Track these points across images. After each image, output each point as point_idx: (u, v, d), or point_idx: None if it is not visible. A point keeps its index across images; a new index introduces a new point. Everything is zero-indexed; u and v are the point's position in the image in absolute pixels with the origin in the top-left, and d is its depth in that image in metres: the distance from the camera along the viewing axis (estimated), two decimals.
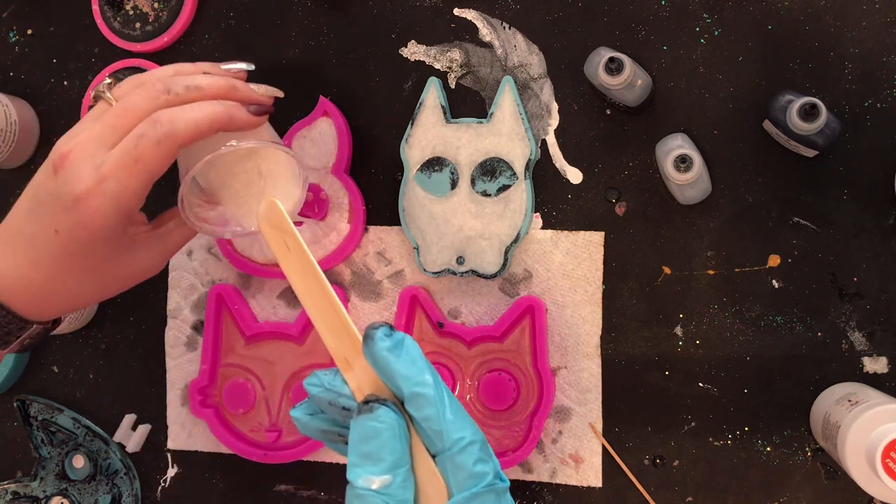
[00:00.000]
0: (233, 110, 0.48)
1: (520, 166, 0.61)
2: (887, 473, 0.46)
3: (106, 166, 0.46)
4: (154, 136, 0.46)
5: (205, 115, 0.47)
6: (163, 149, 0.46)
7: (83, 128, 0.48)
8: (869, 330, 0.57)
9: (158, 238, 0.52)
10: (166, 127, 0.46)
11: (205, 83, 0.49)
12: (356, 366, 0.40)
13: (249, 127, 0.50)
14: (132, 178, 0.46)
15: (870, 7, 0.57)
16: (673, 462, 0.60)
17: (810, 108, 0.52)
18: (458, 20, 0.64)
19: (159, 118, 0.46)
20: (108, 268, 0.49)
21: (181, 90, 0.48)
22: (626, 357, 0.61)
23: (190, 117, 0.46)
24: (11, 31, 0.73)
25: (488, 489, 0.38)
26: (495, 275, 0.61)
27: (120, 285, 0.51)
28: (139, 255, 0.51)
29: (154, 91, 0.47)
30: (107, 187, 0.46)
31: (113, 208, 0.46)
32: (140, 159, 0.46)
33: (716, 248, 0.59)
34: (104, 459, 0.69)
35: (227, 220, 0.53)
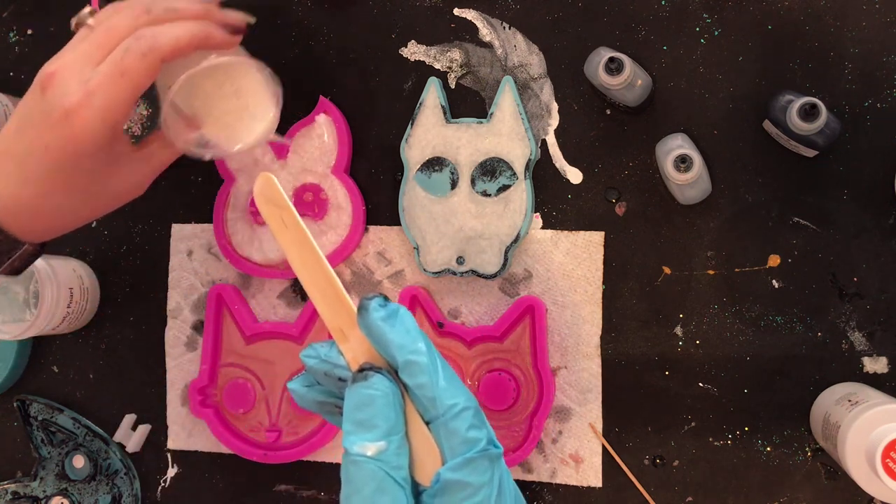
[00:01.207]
0: (210, 29, 0.51)
1: (520, 166, 0.61)
2: (887, 473, 0.46)
3: (93, 81, 0.48)
4: (138, 50, 0.48)
5: (185, 31, 0.50)
6: (147, 61, 0.48)
7: (67, 50, 0.50)
8: (869, 330, 0.57)
9: (143, 158, 0.55)
10: (150, 41, 0.48)
11: (182, 6, 0.52)
12: (351, 337, 0.41)
13: (226, 45, 0.53)
14: (119, 91, 0.48)
15: (870, 7, 0.57)
16: (673, 462, 0.60)
17: (810, 108, 0.52)
18: (458, 20, 0.64)
19: (143, 34, 0.49)
20: (95, 184, 0.51)
21: (160, 11, 0.51)
22: (626, 357, 0.61)
23: (171, 33, 0.49)
24: (11, 31, 0.73)
25: (482, 454, 0.38)
26: (495, 275, 0.61)
27: (107, 203, 0.54)
28: (125, 174, 0.53)
29: (135, 12, 0.50)
30: (95, 100, 0.48)
31: (101, 120, 0.48)
32: (126, 72, 0.48)
33: (716, 248, 0.59)
34: (104, 459, 0.69)
35: (208, 142, 0.55)
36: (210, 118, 0.54)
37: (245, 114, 0.55)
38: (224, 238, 0.66)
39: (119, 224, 0.70)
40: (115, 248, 0.70)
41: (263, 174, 0.41)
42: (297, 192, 0.65)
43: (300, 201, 0.65)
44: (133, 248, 0.70)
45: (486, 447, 0.38)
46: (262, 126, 0.55)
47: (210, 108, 0.54)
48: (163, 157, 0.56)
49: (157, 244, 0.69)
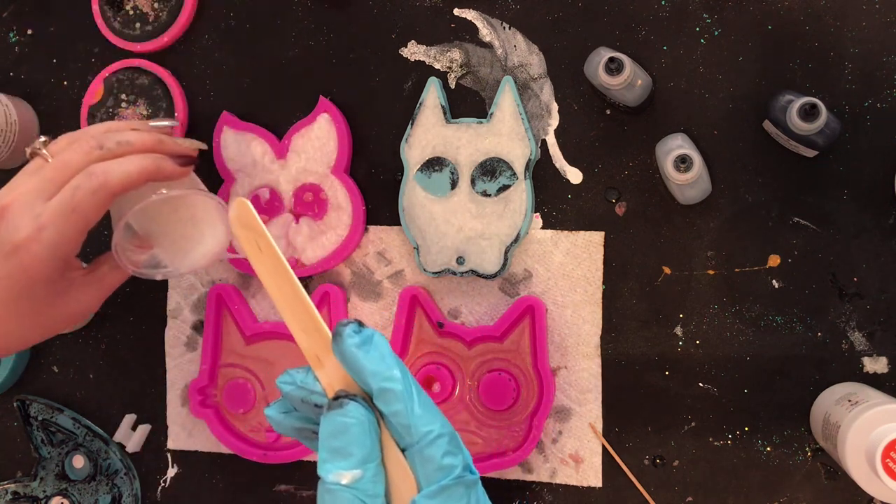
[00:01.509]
0: (161, 162, 0.53)
1: (520, 166, 0.61)
2: (887, 473, 0.46)
3: (44, 216, 0.49)
4: (89, 187, 0.50)
5: (135, 166, 0.51)
6: (98, 198, 0.50)
7: (20, 181, 0.51)
8: (869, 330, 0.57)
9: (94, 281, 0.56)
10: (101, 178, 0.50)
11: (134, 138, 0.53)
12: (327, 363, 0.41)
13: (177, 176, 0.54)
14: (69, 226, 0.50)
15: (870, 7, 0.57)
16: (673, 462, 0.60)
17: (810, 108, 0.52)
18: (458, 20, 0.64)
19: (94, 171, 0.50)
20: (47, 310, 0.53)
21: (113, 145, 0.52)
22: (626, 357, 0.61)
23: (122, 169, 0.51)
24: (11, 31, 0.73)
25: (457, 481, 0.38)
26: (495, 275, 0.61)
27: (59, 326, 0.55)
28: (76, 297, 0.54)
29: (87, 147, 0.51)
30: (45, 235, 0.49)
31: (51, 254, 0.49)
32: (77, 209, 0.49)
33: (716, 248, 0.59)
34: (104, 459, 0.69)
35: (159, 262, 0.56)
36: (162, 240, 0.56)
37: (197, 237, 0.56)
38: None
39: None
40: None
41: (238, 199, 0.41)
42: (297, 192, 0.65)
43: (300, 201, 0.65)
44: None
45: (461, 474, 0.39)
46: (211, 248, 0.56)
47: (163, 231, 0.56)
48: (113, 279, 0.57)
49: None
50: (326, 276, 0.66)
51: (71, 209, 0.49)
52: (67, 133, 0.53)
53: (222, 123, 0.67)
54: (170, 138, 0.56)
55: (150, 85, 0.69)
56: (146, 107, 0.69)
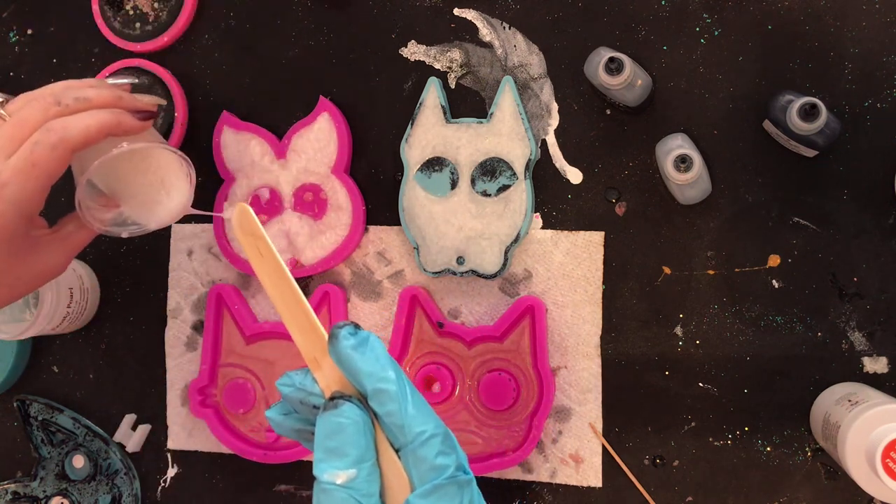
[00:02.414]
0: (121, 116, 0.52)
1: (520, 166, 0.61)
2: (887, 473, 0.46)
3: (5, 173, 0.49)
4: (48, 142, 0.49)
5: (95, 120, 0.51)
6: (57, 153, 0.49)
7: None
8: (869, 330, 0.57)
9: (60, 240, 0.55)
10: (60, 133, 0.49)
11: (93, 94, 0.53)
12: (324, 365, 0.41)
13: (136, 131, 0.54)
14: (30, 182, 0.49)
15: (870, 7, 0.57)
16: (673, 462, 0.60)
17: (810, 108, 0.52)
18: (458, 20, 0.64)
19: (52, 126, 0.50)
20: (13, 269, 0.52)
21: (71, 101, 0.52)
22: (626, 357, 0.61)
23: (81, 123, 0.50)
24: (11, 31, 0.73)
25: (450, 481, 0.39)
26: (495, 275, 0.61)
27: (26, 285, 0.54)
28: (43, 257, 0.54)
29: (45, 103, 0.51)
30: (7, 192, 0.49)
31: (14, 211, 0.49)
32: (37, 164, 0.49)
33: (716, 248, 0.59)
34: (104, 459, 0.69)
35: (125, 220, 0.56)
36: (128, 197, 0.56)
37: (161, 192, 0.56)
38: (224, 238, 0.66)
39: None
40: (115, 248, 0.70)
41: (240, 205, 0.42)
42: (297, 192, 0.65)
43: (300, 201, 0.65)
44: (133, 248, 0.70)
45: (454, 474, 0.39)
46: (177, 202, 0.56)
47: (127, 187, 0.56)
48: (79, 237, 0.56)
49: (157, 244, 0.69)
50: (326, 276, 0.66)
51: (31, 164, 0.49)
52: (25, 92, 0.53)
53: (222, 123, 0.67)
54: (129, 94, 0.55)
55: (150, 85, 0.69)
56: None
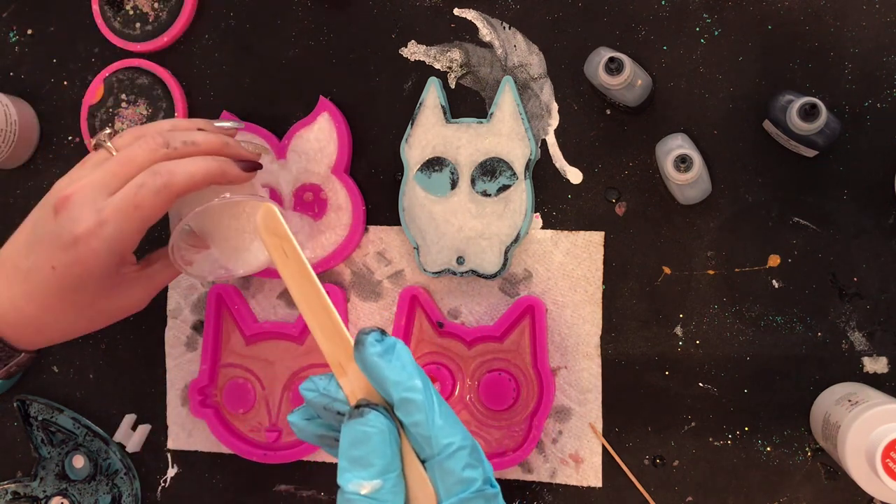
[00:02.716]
0: (225, 166, 0.52)
1: (520, 166, 0.61)
2: (887, 473, 0.46)
3: (106, 211, 0.49)
4: (154, 186, 0.49)
5: (200, 168, 0.51)
6: (161, 198, 0.50)
7: (84, 173, 0.51)
8: (869, 330, 0.57)
9: (146, 277, 0.56)
10: (165, 178, 0.49)
11: (200, 139, 0.53)
12: (350, 371, 0.40)
13: (240, 181, 0.54)
14: (130, 224, 0.49)
15: (870, 7, 0.57)
16: (673, 462, 0.60)
17: (810, 108, 0.52)
18: (458, 20, 0.64)
19: (159, 170, 0.50)
20: (98, 303, 0.53)
21: (179, 144, 0.52)
22: (626, 357, 0.61)
23: (187, 170, 0.50)
24: (11, 31, 0.73)
25: (477, 494, 0.38)
26: (495, 275, 0.61)
27: (108, 319, 0.55)
28: (127, 293, 0.54)
29: (154, 144, 0.51)
30: (106, 231, 0.49)
31: (109, 250, 0.49)
32: (139, 206, 0.49)
33: (716, 248, 0.59)
34: (104, 459, 0.69)
35: (214, 262, 0.57)
36: (220, 241, 0.56)
37: (254, 239, 0.57)
38: None
39: None
40: None
41: (266, 205, 0.41)
42: (297, 192, 0.65)
43: (300, 201, 0.65)
44: None
45: (481, 487, 0.38)
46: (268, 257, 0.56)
47: (220, 231, 0.56)
48: (165, 276, 0.57)
49: (157, 244, 0.69)
50: (326, 276, 0.66)
51: (133, 206, 0.49)
52: (134, 127, 0.53)
53: None
54: (235, 142, 0.55)
55: (150, 85, 0.69)
56: (146, 107, 0.69)
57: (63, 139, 0.72)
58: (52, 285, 0.50)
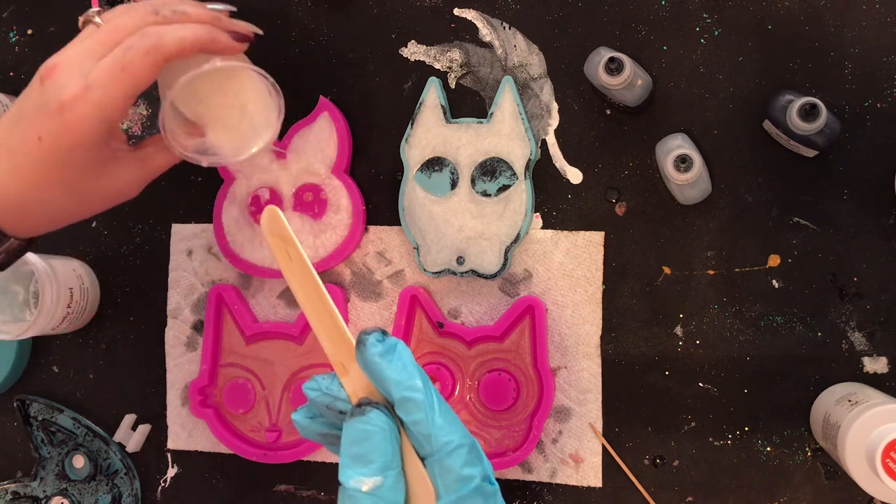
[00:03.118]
0: (215, 33, 0.51)
1: (520, 166, 0.61)
2: (887, 473, 0.46)
3: (93, 74, 0.47)
4: (142, 47, 0.48)
5: (190, 32, 0.49)
6: (149, 59, 0.48)
7: (72, 45, 0.49)
8: (869, 330, 0.57)
9: (138, 159, 0.54)
10: (154, 39, 0.48)
11: (191, 10, 0.51)
12: (351, 370, 0.41)
13: (230, 51, 0.52)
14: (118, 87, 0.48)
15: (870, 7, 0.57)
16: (673, 462, 0.60)
17: (810, 108, 0.52)
18: (458, 20, 0.64)
19: (147, 31, 0.48)
20: (87, 181, 0.51)
21: (168, 13, 0.50)
22: (626, 357, 0.61)
23: (176, 33, 0.49)
24: (11, 31, 0.73)
25: (476, 492, 0.38)
26: (495, 275, 0.61)
27: (97, 203, 0.53)
28: (118, 174, 0.52)
29: (143, 12, 0.50)
30: (93, 94, 0.47)
31: (97, 115, 0.48)
32: (127, 68, 0.48)
33: (716, 248, 0.59)
34: (104, 459, 0.69)
35: (208, 149, 0.55)
36: (212, 124, 0.54)
37: (248, 123, 0.55)
38: (224, 238, 0.66)
39: (119, 224, 0.70)
40: (115, 248, 0.70)
41: (269, 208, 0.41)
42: (297, 192, 0.65)
43: (300, 201, 0.65)
44: (133, 248, 0.70)
45: (480, 484, 0.39)
46: (264, 136, 0.55)
47: (212, 113, 0.54)
48: (159, 160, 0.55)
49: (157, 244, 0.69)
50: (326, 276, 0.66)
51: (121, 68, 0.47)
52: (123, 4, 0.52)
53: None
54: (226, 17, 0.54)
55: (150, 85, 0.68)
56: (146, 107, 0.69)
57: None
58: (38, 159, 0.48)
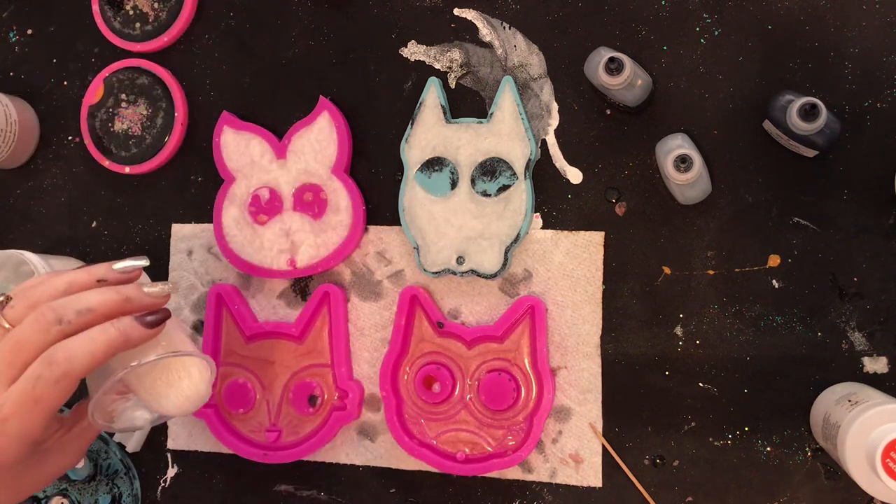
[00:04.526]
0: (128, 331, 0.48)
1: (520, 166, 0.61)
2: (887, 473, 0.46)
3: (6, 407, 0.46)
4: (52, 378, 0.45)
5: (100, 345, 0.46)
6: (60, 387, 0.46)
7: None
8: (869, 330, 0.57)
9: (73, 438, 0.53)
10: (63, 367, 0.46)
11: (97, 303, 0.48)
12: None
13: (147, 339, 0.49)
14: (33, 417, 0.46)
15: (870, 7, 0.57)
16: (673, 462, 0.60)
17: (810, 108, 0.52)
18: (458, 20, 0.64)
19: (55, 358, 0.46)
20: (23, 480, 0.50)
21: (73, 317, 0.47)
22: (626, 357, 0.61)
23: (85, 351, 0.46)
24: (11, 31, 0.73)
25: None
26: (495, 275, 0.61)
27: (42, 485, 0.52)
28: (58, 459, 0.51)
29: (45, 322, 0.47)
30: (9, 427, 0.46)
31: (17, 444, 0.47)
32: (40, 399, 0.46)
33: (716, 248, 0.59)
34: (104, 459, 0.69)
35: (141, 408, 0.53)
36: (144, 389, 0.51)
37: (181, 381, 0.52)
38: (224, 238, 0.66)
39: (119, 224, 0.70)
40: (115, 248, 0.70)
41: None
42: (297, 193, 0.65)
43: (300, 201, 0.65)
44: (133, 248, 0.70)
45: None
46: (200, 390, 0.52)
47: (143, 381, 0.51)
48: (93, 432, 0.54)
49: (157, 244, 0.69)
50: (326, 276, 0.66)
51: (33, 401, 0.46)
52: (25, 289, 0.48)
53: (222, 123, 0.67)
54: (137, 292, 0.50)
55: (150, 85, 0.69)
56: (146, 107, 0.69)
57: (63, 139, 0.72)
58: None
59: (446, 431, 0.63)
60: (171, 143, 0.68)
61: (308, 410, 0.65)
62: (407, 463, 0.64)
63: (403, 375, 0.64)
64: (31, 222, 0.73)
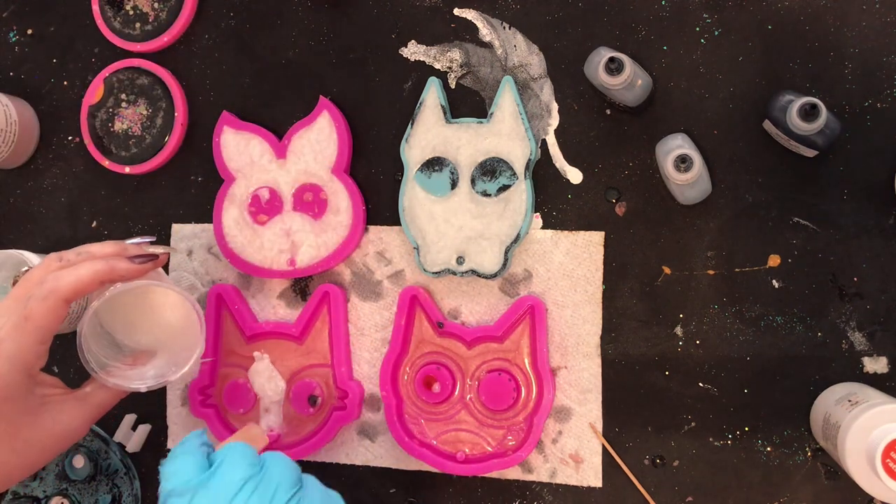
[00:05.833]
0: (114, 262, 0.52)
1: (520, 166, 0.61)
2: (887, 473, 0.46)
3: (2, 330, 0.49)
4: (40, 294, 0.49)
5: (86, 270, 0.51)
6: (48, 304, 0.49)
7: None
8: (869, 330, 0.57)
9: (77, 400, 0.54)
10: (50, 284, 0.50)
11: (95, 248, 0.53)
12: None
13: (133, 275, 0.53)
14: (25, 336, 0.49)
15: (870, 7, 0.57)
16: (673, 462, 0.60)
17: (810, 108, 0.52)
18: (458, 20, 0.64)
19: (46, 279, 0.50)
20: (22, 431, 0.50)
21: (72, 256, 0.52)
22: (626, 357, 0.61)
23: (73, 274, 0.50)
24: (11, 31, 0.73)
25: None
26: (495, 275, 0.61)
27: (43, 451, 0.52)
28: (57, 417, 0.52)
29: (48, 262, 0.52)
30: (3, 348, 0.49)
31: (11, 367, 0.49)
32: (29, 317, 0.49)
33: (716, 248, 0.59)
34: (104, 459, 0.69)
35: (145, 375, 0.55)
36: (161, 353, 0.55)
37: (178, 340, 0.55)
38: (224, 238, 0.66)
39: (119, 224, 0.70)
40: None
41: None
42: (297, 192, 0.65)
43: (300, 201, 0.65)
44: None
45: None
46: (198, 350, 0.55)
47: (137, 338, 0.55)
48: (101, 396, 0.54)
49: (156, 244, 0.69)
50: (326, 276, 0.66)
51: (24, 318, 0.49)
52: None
53: (222, 123, 0.67)
54: (135, 246, 0.54)
55: (150, 85, 0.69)
56: (146, 107, 0.69)
57: (63, 139, 0.72)
58: None
59: (446, 431, 0.63)
60: (171, 143, 0.68)
61: (308, 410, 0.65)
62: (407, 463, 0.64)
63: (403, 375, 0.64)
64: (31, 222, 0.73)
